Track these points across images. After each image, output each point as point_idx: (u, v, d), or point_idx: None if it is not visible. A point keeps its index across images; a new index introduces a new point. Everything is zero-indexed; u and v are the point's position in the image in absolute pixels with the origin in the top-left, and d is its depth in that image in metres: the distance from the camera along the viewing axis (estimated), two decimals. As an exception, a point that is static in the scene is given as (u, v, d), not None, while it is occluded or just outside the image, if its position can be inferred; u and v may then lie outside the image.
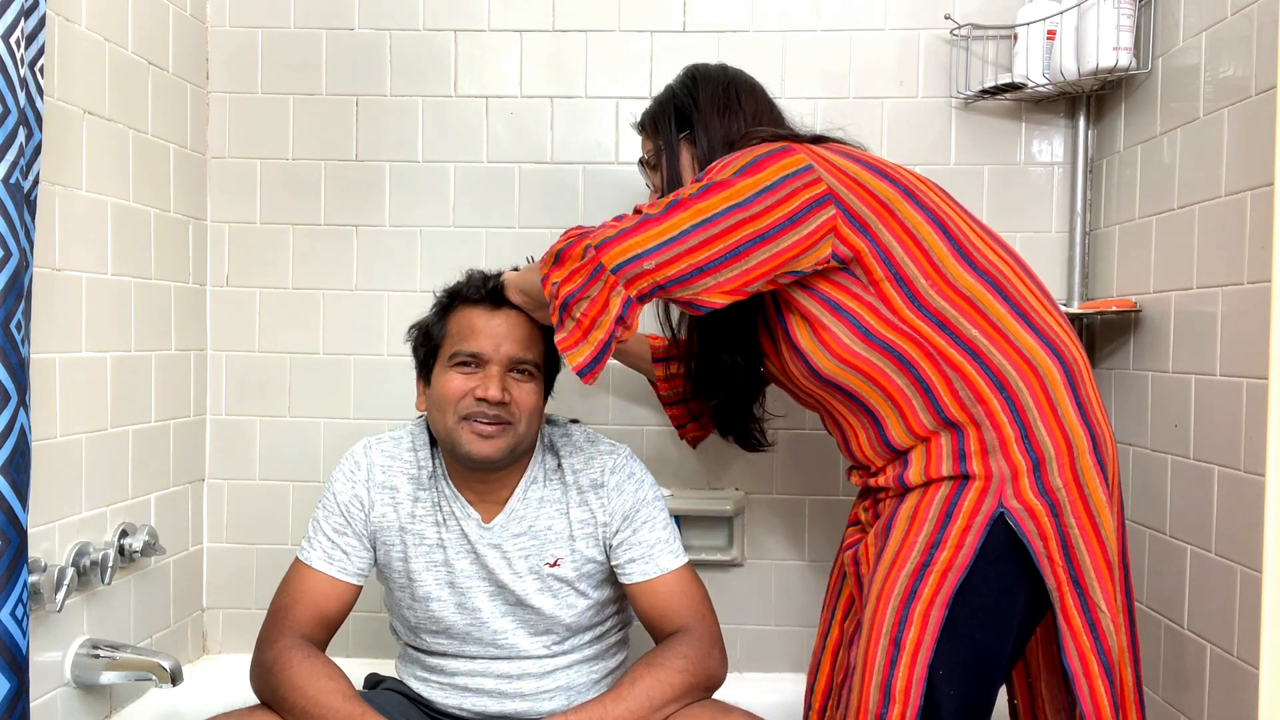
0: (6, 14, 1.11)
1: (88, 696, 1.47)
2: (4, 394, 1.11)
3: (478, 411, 1.30)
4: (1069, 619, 1.15)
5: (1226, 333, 1.32)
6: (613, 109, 1.84)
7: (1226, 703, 1.31)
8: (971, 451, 1.15)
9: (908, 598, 1.15)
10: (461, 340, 1.33)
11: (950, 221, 1.20)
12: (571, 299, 1.17)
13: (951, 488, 1.16)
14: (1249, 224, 1.27)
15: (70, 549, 1.42)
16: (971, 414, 1.15)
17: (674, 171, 1.38)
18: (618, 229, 1.17)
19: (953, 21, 1.76)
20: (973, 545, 1.13)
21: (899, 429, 1.20)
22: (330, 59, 1.85)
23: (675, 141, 1.38)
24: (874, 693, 1.16)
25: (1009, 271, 1.20)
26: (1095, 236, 1.75)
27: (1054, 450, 1.14)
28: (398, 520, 1.38)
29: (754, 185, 1.15)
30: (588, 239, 1.18)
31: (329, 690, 1.23)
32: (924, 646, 1.14)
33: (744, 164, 1.17)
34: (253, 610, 1.87)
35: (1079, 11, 1.60)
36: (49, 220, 1.37)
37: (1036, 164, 1.80)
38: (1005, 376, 1.15)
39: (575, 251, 1.18)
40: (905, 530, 1.18)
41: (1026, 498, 1.13)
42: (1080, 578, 1.14)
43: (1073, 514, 1.14)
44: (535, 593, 1.37)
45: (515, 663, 1.38)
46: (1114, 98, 1.69)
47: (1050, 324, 1.19)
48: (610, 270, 1.14)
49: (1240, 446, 1.27)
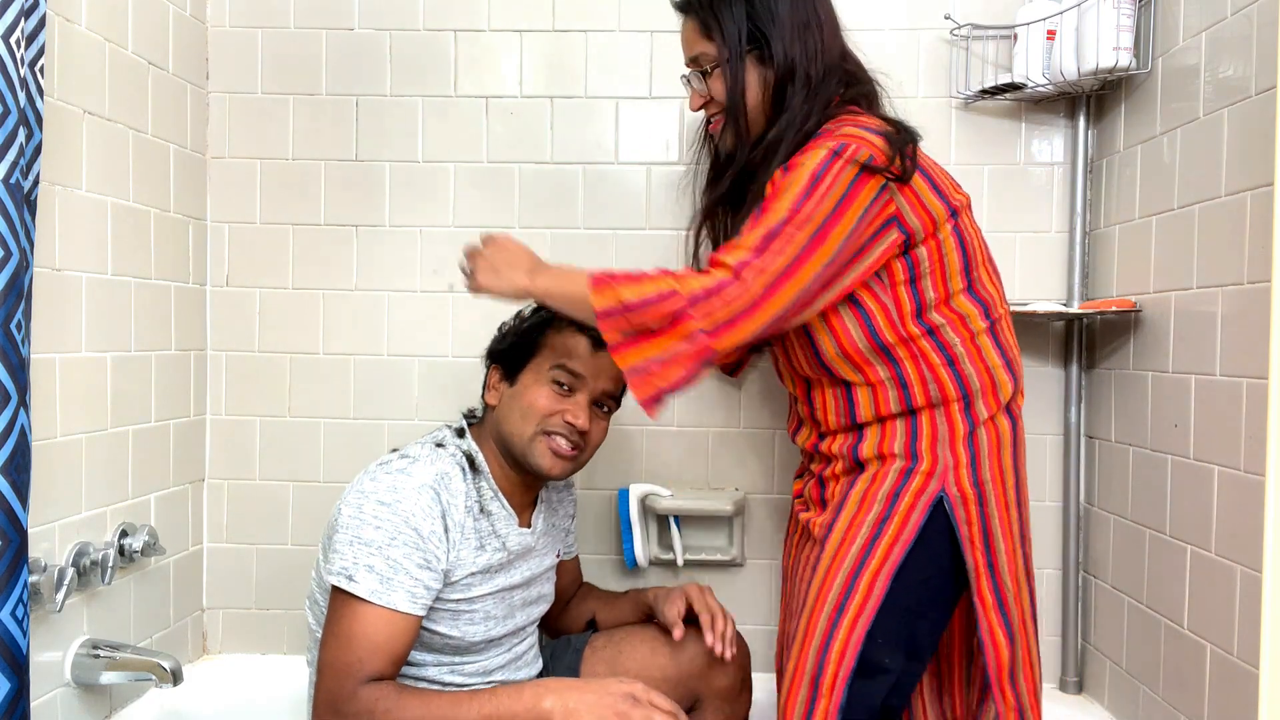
0: (6, 14, 1.11)
1: (88, 696, 1.47)
2: (4, 394, 1.11)
3: (561, 432, 1.34)
4: (982, 597, 1.26)
5: (1226, 333, 1.32)
6: (613, 109, 1.84)
7: (1226, 703, 1.31)
8: (923, 437, 1.26)
9: (855, 570, 1.25)
10: (562, 358, 1.35)
11: (971, 247, 1.28)
12: (682, 382, 1.17)
13: (901, 470, 1.26)
14: (1249, 224, 1.27)
15: (70, 549, 1.42)
16: (932, 402, 1.26)
17: (738, 92, 1.26)
18: (729, 310, 1.14)
19: (953, 21, 1.76)
20: (916, 523, 1.24)
21: (868, 408, 1.29)
22: (330, 59, 1.85)
23: (743, 55, 1.25)
24: (810, 656, 1.25)
25: (996, 295, 1.32)
26: (1095, 236, 1.75)
27: (989, 447, 1.27)
28: (470, 555, 1.33)
29: (843, 231, 1.16)
30: (690, 320, 1.14)
31: (445, 701, 1.19)
32: (864, 615, 1.24)
33: (837, 199, 1.15)
34: (253, 610, 1.87)
35: (1079, 11, 1.60)
36: (49, 220, 1.37)
37: (1036, 164, 1.80)
38: (969, 383, 1.27)
39: (680, 333, 1.15)
40: (856, 509, 1.27)
41: (964, 486, 1.25)
42: (994, 560, 1.26)
43: (996, 504, 1.26)
44: (548, 581, 1.49)
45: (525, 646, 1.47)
46: (1114, 98, 1.69)
47: (1011, 343, 1.32)
48: (722, 352, 1.17)
49: (1240, 446, 1.27)
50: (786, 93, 1.25)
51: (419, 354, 1.85)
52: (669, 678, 1.46)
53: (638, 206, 1.84)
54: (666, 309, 1.14)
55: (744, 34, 1.24)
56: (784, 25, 1.23)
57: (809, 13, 1.25)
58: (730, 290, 1.15)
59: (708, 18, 1.27)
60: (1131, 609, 1.59)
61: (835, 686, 1.23)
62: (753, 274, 1.15)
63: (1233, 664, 1.29)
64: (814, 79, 1.25)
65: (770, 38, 1.23)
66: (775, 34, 1.23)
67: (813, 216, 1.15)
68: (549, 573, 1.50)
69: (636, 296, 1.15)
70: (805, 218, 1.15)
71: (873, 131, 1.20)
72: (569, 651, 1.52)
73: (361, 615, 1.20)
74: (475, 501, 1.34)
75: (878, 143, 1.19)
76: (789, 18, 1.23)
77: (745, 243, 1.17)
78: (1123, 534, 1.62)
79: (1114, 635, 1.65)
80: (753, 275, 1.15)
